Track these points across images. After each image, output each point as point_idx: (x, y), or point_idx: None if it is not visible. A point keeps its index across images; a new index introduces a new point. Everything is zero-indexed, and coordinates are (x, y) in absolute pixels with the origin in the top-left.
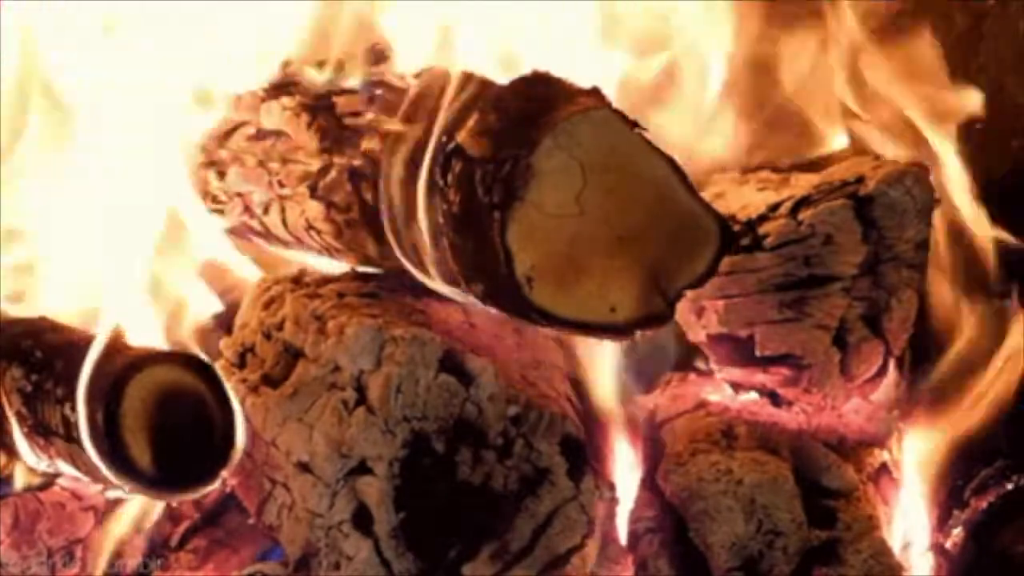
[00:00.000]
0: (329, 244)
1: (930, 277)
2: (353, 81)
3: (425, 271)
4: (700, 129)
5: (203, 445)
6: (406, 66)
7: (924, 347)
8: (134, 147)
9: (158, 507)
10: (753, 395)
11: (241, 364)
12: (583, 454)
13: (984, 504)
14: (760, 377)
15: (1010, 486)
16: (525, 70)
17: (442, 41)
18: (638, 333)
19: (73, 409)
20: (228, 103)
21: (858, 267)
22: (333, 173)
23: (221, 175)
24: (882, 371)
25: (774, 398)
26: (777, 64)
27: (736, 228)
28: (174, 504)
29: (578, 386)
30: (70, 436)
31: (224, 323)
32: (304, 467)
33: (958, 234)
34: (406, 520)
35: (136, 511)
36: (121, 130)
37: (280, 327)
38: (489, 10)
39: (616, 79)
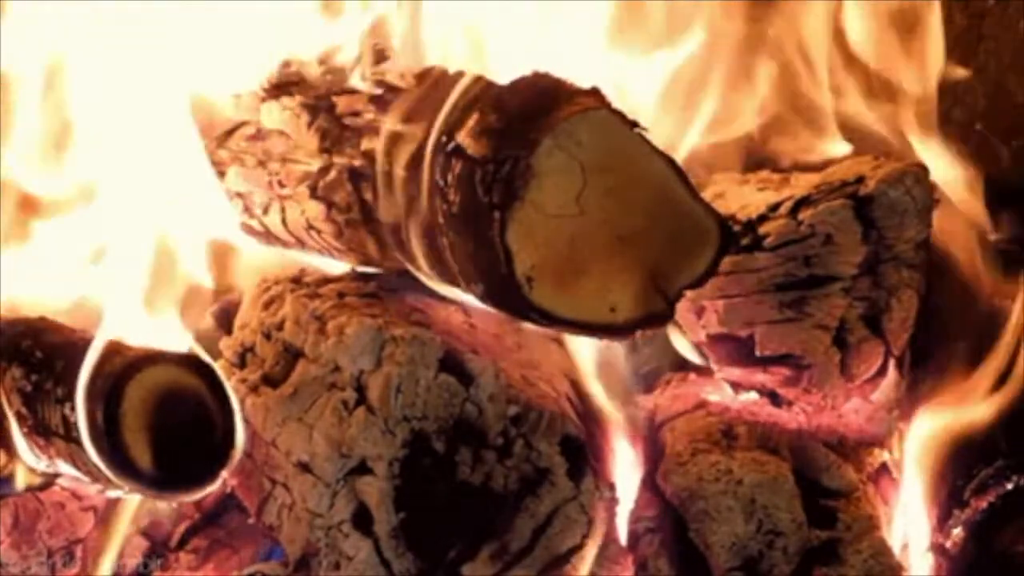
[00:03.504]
0: (329, 244)
1: (931, 277)
2: (353, 81)
3: (425, 271)
4: (700, 129)
5: (203, 445)
6: (406, 66)
7: (924, 347)
8: (134, 147)
9: (158, 507)
10: (753, 395)
11: (241, 364)
12: (583, 454)
13: (984, 504)
14: (760, 377)
15: (1010, 486)
16: (525, 70)
17: (443, 41)
18: (638, 333)
19: (73, 409)
20: (228, 103)
21: (858, 267)
22: (333, 173)
23: (221, 175)
24: (882, 371)
25: (774, 398)
26: (777, 63)
27: (736, 228)
28: (174, 504)
29: (578, 386)
30: (70, 436)
31: (224, 323)
32: (304, 467)
33: (958, 234)
34: (406, 520)
35: (136, 511)
36: (121, 130)
37: (280, 327)
38: (491, 10)
39: (616, 79)
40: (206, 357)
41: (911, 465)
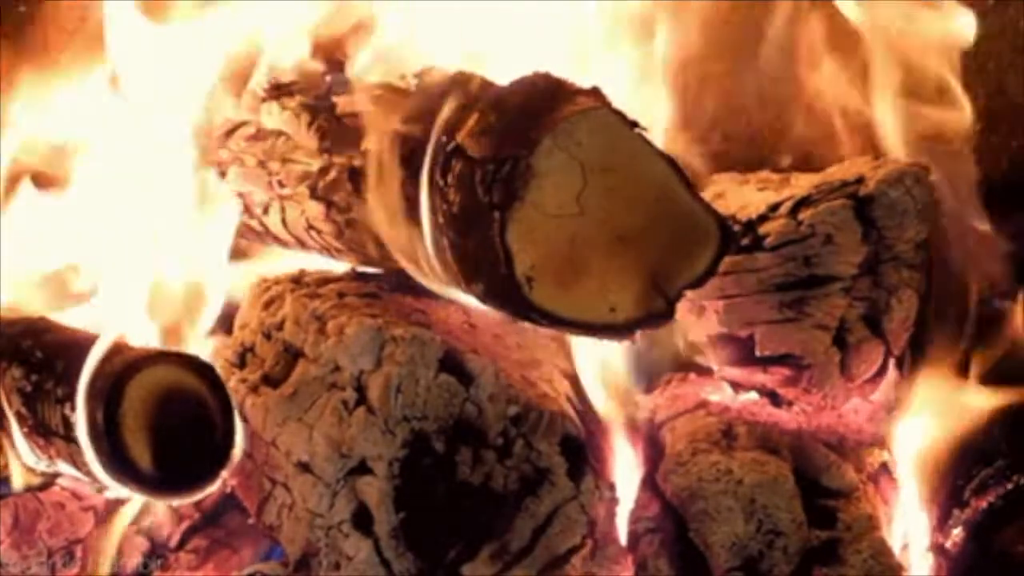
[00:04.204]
0: (329, 244)
1: (932, 276)
2: (353, 81)
3: (425, 271)
4: (699, 129)
5: (203, 445)
6: (406, 66)
7: (924, 347)
8: (134, 147)
9: (158, 507)
10: (753, 395)
11: (241, 364)
12: (583, 454)
13: (984, 504)
14: (760, 377)
15: (1010, 486)
16: (525, 70)
17: (443, 41)
18: (638, 333)
19: (73, 409)
20: (228, 103)
21: (858, 267)
22: (333, 173)
23: (221, 175)
24: (882, 371)
25: (774, 398)
26: (778, 63)
27: (736, 228)
28: (174, 504)
29: (578, 386)
30: (70, 436)
31: (224, 323)
32: (304, 467)
33: (958, 234)
34: (406, 520)
35: (136, 511)
36: (121, 129)
37: (280, 327)
38: (489, 10)
39: (617, 79)
40: (206, 357)
41: (911, 465)
